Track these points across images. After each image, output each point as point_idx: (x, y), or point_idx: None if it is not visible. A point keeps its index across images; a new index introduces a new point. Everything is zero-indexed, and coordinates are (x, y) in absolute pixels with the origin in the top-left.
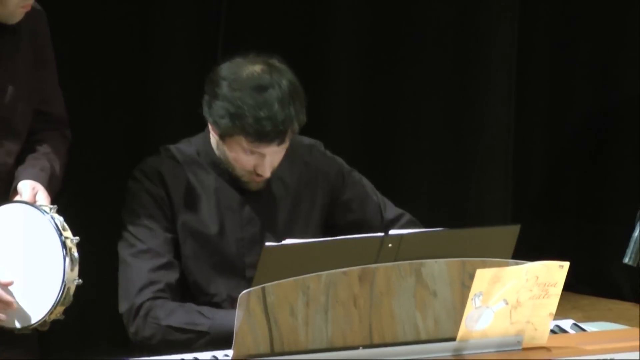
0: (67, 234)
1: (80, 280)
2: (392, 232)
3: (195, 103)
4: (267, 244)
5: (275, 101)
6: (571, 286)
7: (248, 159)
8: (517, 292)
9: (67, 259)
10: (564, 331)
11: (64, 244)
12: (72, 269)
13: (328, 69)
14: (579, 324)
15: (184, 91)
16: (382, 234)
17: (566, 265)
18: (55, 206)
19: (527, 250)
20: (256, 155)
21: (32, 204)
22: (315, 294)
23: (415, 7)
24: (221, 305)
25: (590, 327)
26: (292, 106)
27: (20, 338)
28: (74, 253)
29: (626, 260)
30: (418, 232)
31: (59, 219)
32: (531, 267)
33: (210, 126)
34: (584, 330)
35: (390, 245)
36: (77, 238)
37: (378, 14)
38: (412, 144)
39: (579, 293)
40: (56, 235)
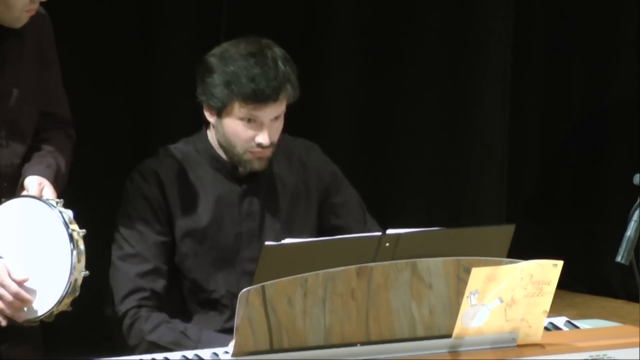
0: (74, 226)
1: (87, 272)
2: (389, 231)
3: (198, 102)
4: (267, 243)
5: (268, 60)
6: (565, 284)
7: (247, 131)
8: (512, 290)
9: (74, 251)
10: (557, 328)
11: (71, 236)
12: (79, 261)
13: (327, 70)
14: (572, 321)
15: (187, 90)
16: (379, 233)
17: (560, 263)
18: (62, 200)
19: (522, 249)
20: (254, 124)
21: (39, 197)
22: (313, 287)
23: (413, 10)
24: (220, 301)
25: (583, 324)
26: (285, 66)
27: (26, 336)
28: (81, 245)
29: (619, 259)
30: (415, 232)
31: (67, 212)
32: (526, 265)
33: (207, 111)
34: (577, 327)
35: (387, 245)
36: (84, 231)
37: (377, 15)
38: (409, 144)
39: (572, 291)
40: (63, 228)
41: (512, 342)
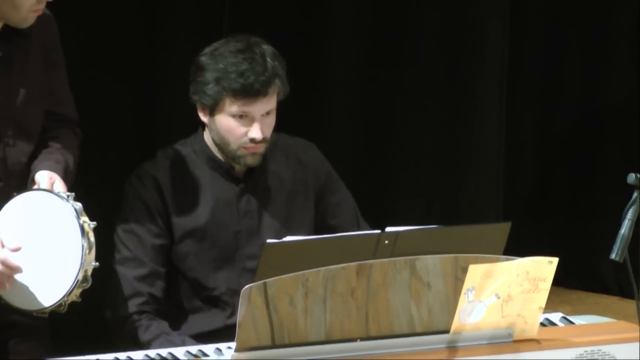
0: (85, 218)
1: (97, 264)
2: (388, 229)
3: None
4: (269, 241)
5: (257, 56)
6: (560, 281)
7: (239, 127)
8: (509, 287)
9: (84, 243)
10: (553, 324)
11: (82, 228)
12: (89, 252)
13: (327, 70)
14: (567, 317)
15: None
16: (379, 231)
17: (555, 261)
18: (73, 193)
19: (518, 246)
20: (246, 119)
21: (51, 190)
22: (314, 286)
23: (412, 11)
24: (221, 298)
25: (578, 320)
26: (274, 62)
27: (33, 332)
28: (91, 237)
29: (613, 256)
30: (413, 230)
31: (78, 205)
32: (522, 262)
33: (201, 111)
34: (572, 323)
35: (386, 242)
36: (94, 223)
37: (376, 16)
38: (407, 144)
39: (567, 288)
40: (75, 220)
41: (509, 338)
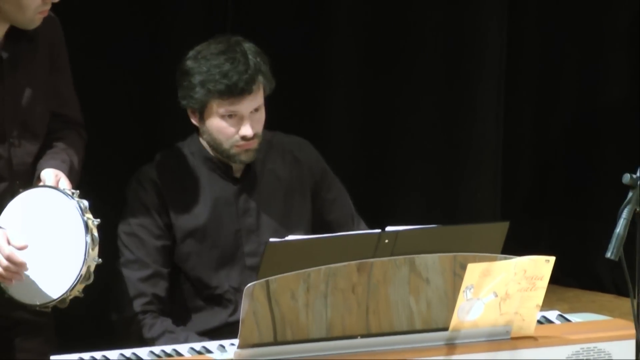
0: (89, 215)
1: (100, 260)
2: (388, 228)
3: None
4: (271, 240)
5: (238, 55)
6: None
7: (229, 127)
8: (506, 285)
9: (88, 239)
10: (550, 322)
11: (86, 224)
12: (92, 249)
13: (328, 71)
14: (564, 314)
15: None
16: (379, 230)
17: (552, 259)
18: (78, 191)
19: (516, 245)
20: (235, 119)
21: (56, 187)
22: (315, 282)
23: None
24: (224, 296)
25: (574, 317)
26: (256, 58)
27: (39, 328)
28: (95, 234)
29: (608, 255)
30: (413, 229)
31: (83, 202)
32: (519, 261)
33: (191, 115)
34: (568, 320)
35: (386, 241)
36: (98, 220)
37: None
38: (407, 144)
39: (564, 286)
40: (79, 216)
41: (506, 335)
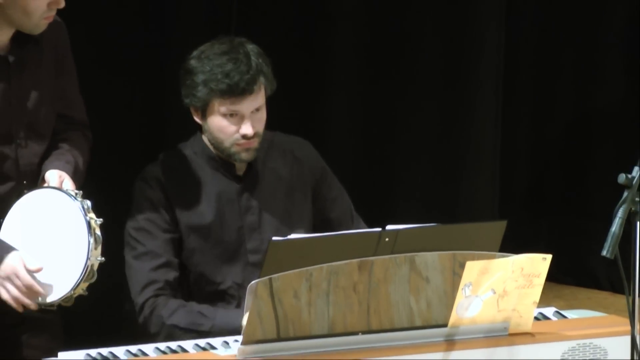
0: (92, 215)
1: (103, 258)
2: (389, 227)
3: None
4: (274, 238)
5: (241, 56)
6: (554, 277)
7: (230, 126)
8: (504, 283)
9: (91, 238)
10: (547, 318)
11: (88, 224)
12: (95, 248)
13: (329, 76)
14: (560, 311)
15: None
16: (379, 229)
17: (549, 257)
18: (81, 191)
19: (513, 244)
20: (236, 118)
21: (60, 188)
22: (317, 280)
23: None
24: (227, 292)
25: (571, 314)
26: (259, 59)
27: (46, 325)
28: (98, 233)
29: (604, 253)
30: (413, 227)
31: (85, 202)
32: (517, 259)
33: (194, 113)
34: (565, 317)
35: (387, 240)
36: (101, 220)
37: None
38: (406, 145)
39: (560, 283)
40: (82, 217)
41: (504, 331)
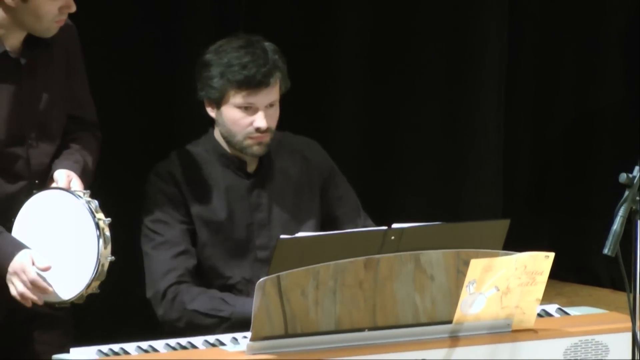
0: (100, 215)
1: (113, 257)
2: (394, 225)
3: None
4: (282, 236)
5: (258, 50)
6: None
7: (244, 118)
8: (507, 280)
9: (100, 239)
10: (549, 315)
11: (97, 224)
12: (105, 247)
13: (335, 74)
14: (563, 308)
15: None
16: (385, 227)
17: (551, 255)
18: (89, 191)
19: (516, 242)
20: (250, 110)
21: (67, 189)
22: (324, 278)
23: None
24: (236, 286)
25: (573, 311)
26: (275, 55)
27: (56, 322)
28: (107, 233)
29: (606, 251)
30: (418, 226)
31: (93, 202)
32: (520, 257)
33: (208, 106)
34: (567, 314)
35: (392, 238)
36: (109, 219)
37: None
38: (411, 145)
39: (563, 281)
40: (90, 217)
41: (507, 328)
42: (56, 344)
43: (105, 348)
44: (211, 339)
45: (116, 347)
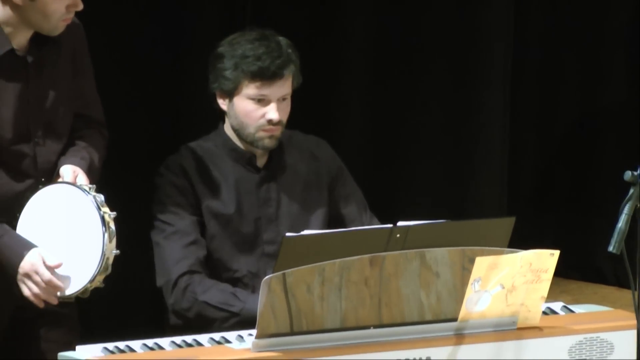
0: (105, 209)
1: (118, 251)
2: (400, 223)
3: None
4: (288, 234)
5: (272, 43)
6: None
7: (257, 109)
8: (512, 278)
9: (105, 233)
10: (554, 312)
11: (102, 218)
12: (110, 241)
13: (342, 73)
14: (568, 306)
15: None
16: (391, 225)
17: (556, 253)
18: (94, 186)
19: (522, 240)
20: (263, 102)
21: (73, 183)
22: (330, 275)
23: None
24: (242, 280)
25: (578, 308)
26: (289, 49)
27: (63, 319)
28: (112, 227)
29: (610, 249)
30: (423, 224)
31: (99, 197)
32: (525, 255)
33: (220, 98)
34: (572, 311)
35: (398, 236)
36: (114, 213)
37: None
38: (416, 143)
39: (568, 278)
40: (95, 211)
41: (513, 325)
42: (62, 341)
43: (110, 345)
44: (217, 336)
45: (122, 344)
